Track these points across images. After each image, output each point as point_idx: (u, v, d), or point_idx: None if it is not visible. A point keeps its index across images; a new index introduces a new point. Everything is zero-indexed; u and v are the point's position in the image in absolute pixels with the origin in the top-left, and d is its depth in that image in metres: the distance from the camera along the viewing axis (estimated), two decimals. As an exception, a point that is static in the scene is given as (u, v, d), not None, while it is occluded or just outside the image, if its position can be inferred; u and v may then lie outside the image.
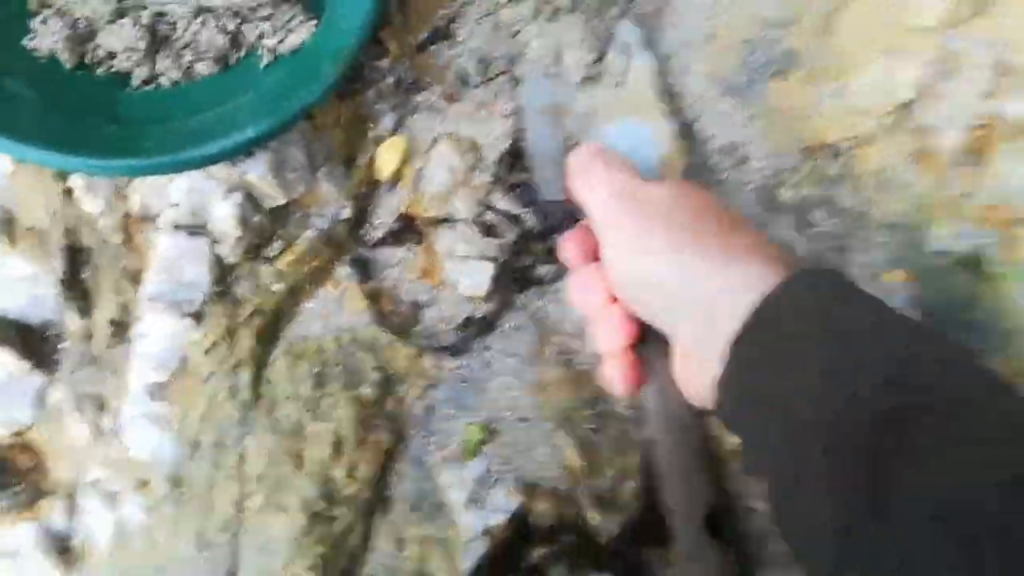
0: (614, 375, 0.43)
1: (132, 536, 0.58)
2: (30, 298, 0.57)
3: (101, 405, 0.58)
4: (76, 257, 0.55)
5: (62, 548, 0.59)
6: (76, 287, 0.56)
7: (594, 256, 0.45)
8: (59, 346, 0.58)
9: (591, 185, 0.43)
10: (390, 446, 0.57)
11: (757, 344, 0.32)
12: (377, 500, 0.57)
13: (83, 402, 0.58)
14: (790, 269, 0.34)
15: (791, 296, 0.32)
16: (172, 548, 0.57)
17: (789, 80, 0.54)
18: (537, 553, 0.56)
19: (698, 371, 0.36)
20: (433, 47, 0.57)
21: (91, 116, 0.48)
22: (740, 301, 0.33)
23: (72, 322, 0.57)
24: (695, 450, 0.39)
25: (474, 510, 0.56)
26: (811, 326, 0.31)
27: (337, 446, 0.56)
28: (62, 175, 0.53)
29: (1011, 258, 0.52)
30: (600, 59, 0.55)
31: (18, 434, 0.58)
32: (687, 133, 0.55)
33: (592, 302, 0.43)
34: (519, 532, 0.56)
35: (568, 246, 0.46)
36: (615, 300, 0.43)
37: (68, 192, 0.54)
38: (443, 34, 0.57)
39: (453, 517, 0.56)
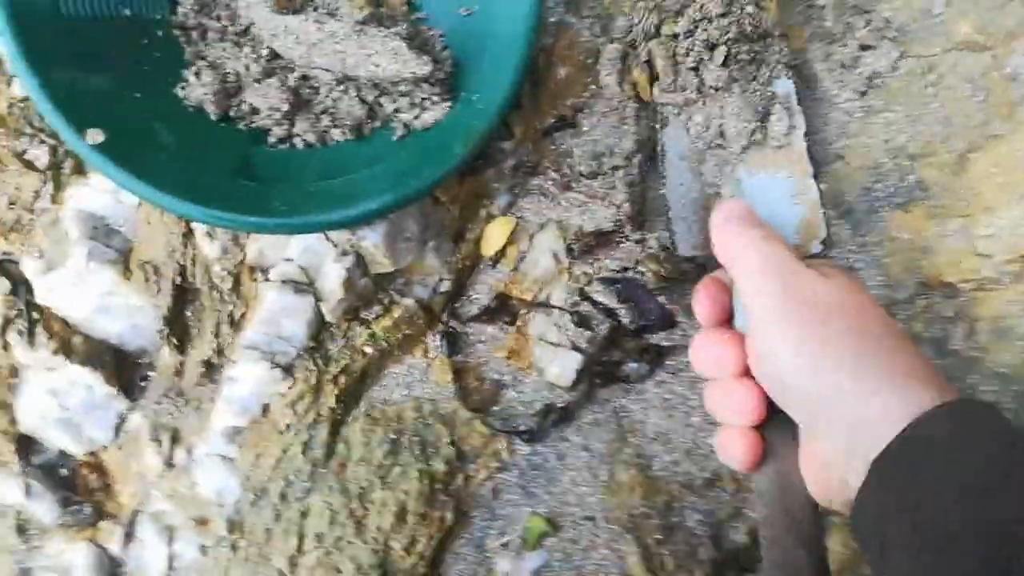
0: (733, 450, 0.41)
1: (183, 573, 0.59)
2: (131, 326, 0.59)
3: (177, 439, 0.60)
4: (183, 296, 0.58)
5: (112, 573, 0.60)
6: (178, 324, 0.58)
7: (726, 316, 0.44)
8: (148, 374, 0.61)
9: (739, 249, 0.40)
10: (452, 524, 0.57)
11: (899, 468, 0.31)
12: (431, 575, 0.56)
13: (160, 433, 0.60)
14: (946, 395, 0.32)
15: (942, 423, 0.31)
16: (222, 591, 0.58)
17: (913, 212, 0.53)
18: (586, 659, 0.55)
19: (827, 473, 0.35)
20: (557, 134, 0.58)
21: (227, 169, 0.50)
22: (889, 422, 0.31)
23: (167, 356, 0.59)
24: (805, 539, 0.37)
25: (528, 604, 0.55)
26: (956, 461, 0.29)
27: (400, 517, 0.56)
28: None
29: None
30: (763, 121, 0.54)
31: (93, 454, 0.60)
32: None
33: (722, 370, 0.41)
34: (570, 634, 0.55)
35: (701, 298, 0.44)
36: (748, 373, 0.41)
37: (188, 233, 0.57)
38: (568, 123, 0.58)
39: (506, 607, 0.55)
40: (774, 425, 0.39)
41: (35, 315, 0.59)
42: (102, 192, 0.59)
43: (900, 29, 0.55)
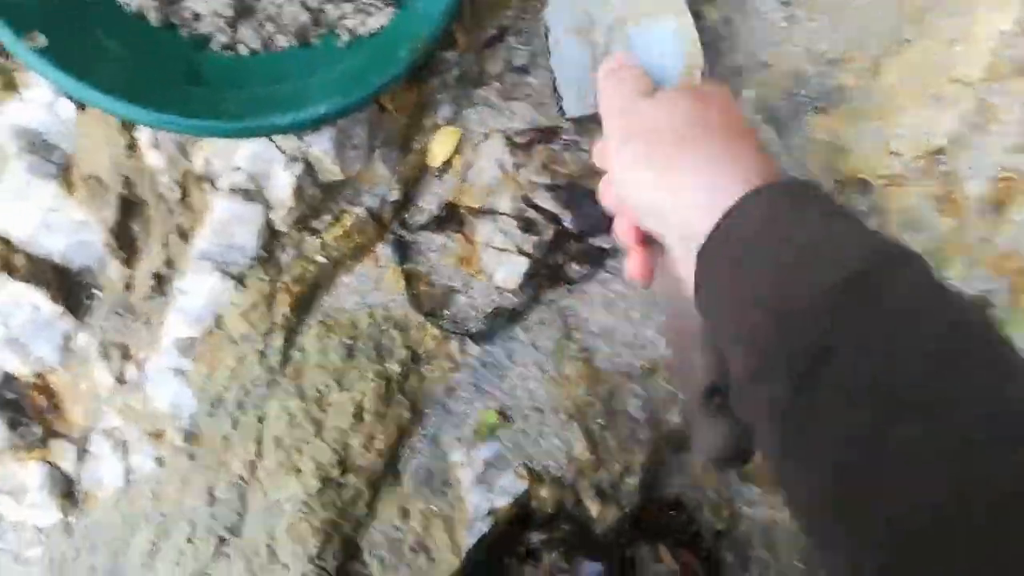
0: (629, 267, 0.46)
1: (140, 485, 0.60)
2: (75, 243, 0.59)
3: (127, 355, 0.61)
4: (130, 208, 0.58)
5: (67, 490, 0.61)
6: (125, 237, 0.59)
7: None
8: (94, 292, 0.61)
9: (606, 99, 0.44)
10: (408, 422, 0.60)
11: (719, 252, 0.34)
12: (388, 473, 0.60)
13: (110, 350, 0.60)
14: (766, 179, 0.35)
15: (755, 206, 0.34)
16: (179, 500, 0.60)
17: (831, 115, 0.58)
18: (536, 538, 0.59)
19: (687, 272, 0.39)
20: (499, 44, 0.60)
21: (174, 74, 0.51)
22: (714, 210, 0.34)
23: (115, 270, 0.60)
24: (695, 333, 0.41)
25: (481, 490, 0.59)
26: (766, 237, 0.33)
27: (358, 416, 0.59)
28: (128, 127, 0.56)
29: (1017, 305, 0.56)
30: None
31: (40, 375, 0.61)
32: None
33: (608, 204, 0.46)
34: (521, 516, 0.60)
35: (594, 151, 0.48)
36: None
37: (132, 144, 0.57)
38: (509, 32, 0.60)
39: (460, 495, 0.59)
40: (655, 244, 0.44)
41: (-28, 233, 0.58)
42: (37, 106, 0.59)
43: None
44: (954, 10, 0.55)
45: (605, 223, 0.59)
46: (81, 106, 0.58)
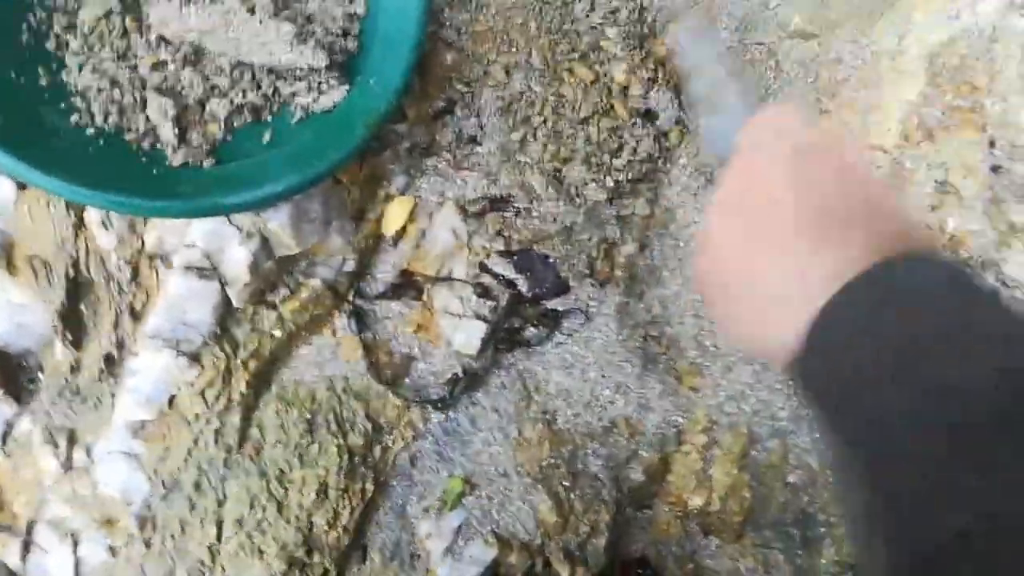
0: None
1: (93, 576, 0.58)
2: (14, 326, 0.57)
3: (73, 439, 0.59)
4: (77, 289, 0.57)
5: (13, 588, 0.58)
6: (72, 318, 0.57)
7: None
8: (36, 376, 0.59)
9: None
10: (373, 495, 0.60)
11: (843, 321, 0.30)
12: (354, 550, 0.59)
13: (55, 435, 0.58)
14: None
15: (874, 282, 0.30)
16: (136, 591, 0.58)
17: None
18: (508, 604, 0.60)
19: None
20: (448, 116, 0.62)
21: (126, 157, 0.51)
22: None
23: (61, 353, 0.58)
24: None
25: (450, 561, 0.59)
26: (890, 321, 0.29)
27: (321, 492, 0.58)
28: (76, 207, 0.55)
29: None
30: None
31: (-21, 465, 0.58)
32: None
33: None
34: (492, 583, 0.60)
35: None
36: None
37: (78, 224, 0.56)
38: (458, 104, 0.63)
39: (429, 567, 0.59)
40: None
41: (-97, 321, 0.56)
42: (-29, 187, 0.57)
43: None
44: (866, 83, 0.60)
45: (559, 287, 0.62)
46: (21, 185, 0.57)
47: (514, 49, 0.64)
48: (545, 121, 0.63)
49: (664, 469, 0.61)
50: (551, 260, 0.62)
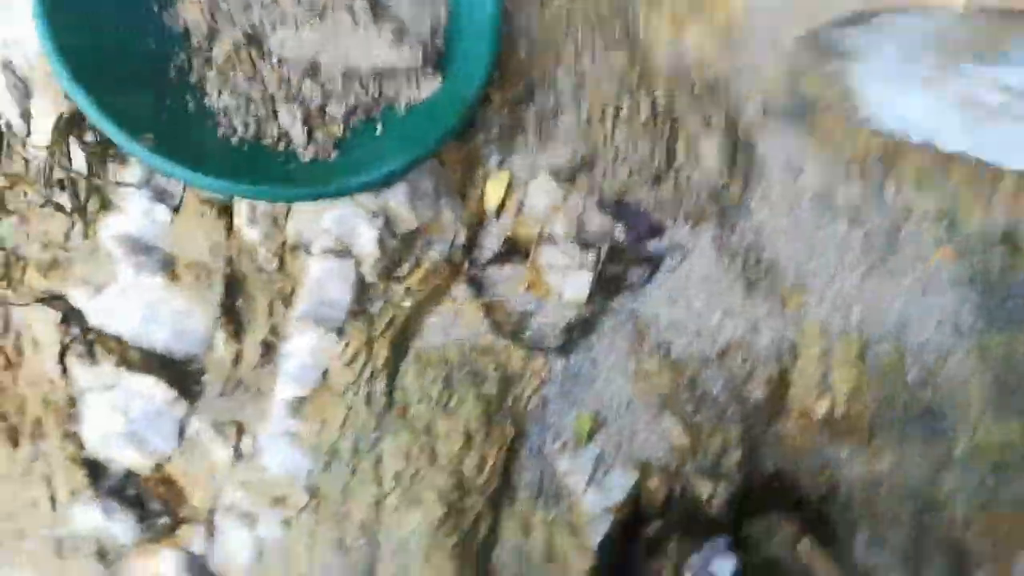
0: None
1: (271, 552, 0.64)
2: (175, 332, 0.65)
3: (242, 430, 0.66)
4: (232, 287, 0.65)
5: (203, 571, 0.65)
6: (231, 313, 0.65)
7: None
8: (202, 378, 0.67)
9: None
10: (512, 439, 0.64)
11: None
12: (504, 490, 0.64)
13: (224, 428, 0.65)
14: None
15: None
16: (311, 557, 0.63)
17: (827, 115, 0.67)
18: (653, 527, 0.63)
19: None
20: (529, 99, 0.70)
21: (267, 156, 0.60)
22: None
23: (221, 348, 0.65)
24: None
25: (594, 491, 0.62)
26: None
27: (467, 440, 0.63)
28: (226, 211, 0.64)
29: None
30: None
31: (159, 467, 0.65)
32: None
33: None
34: (636, 509, 0.63)
35: None
36: None
37: (228, 227, 0.65)
38: (536, 86, 0.70)
39: (575, 500, 0.63)
40: None
41: (90, 337, 0.65)
42: (135, 215, 0.67)
43: None
44: None
45: (654, 230, 0.67)
46: (176, 208, 0.66)
47: (578, 32, 0.71)
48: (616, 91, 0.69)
49: (784, 384, 0.64)
50: (642, 207, 0.67)
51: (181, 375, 0.66)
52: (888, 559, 0.62)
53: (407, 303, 0.66)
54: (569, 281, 0.66)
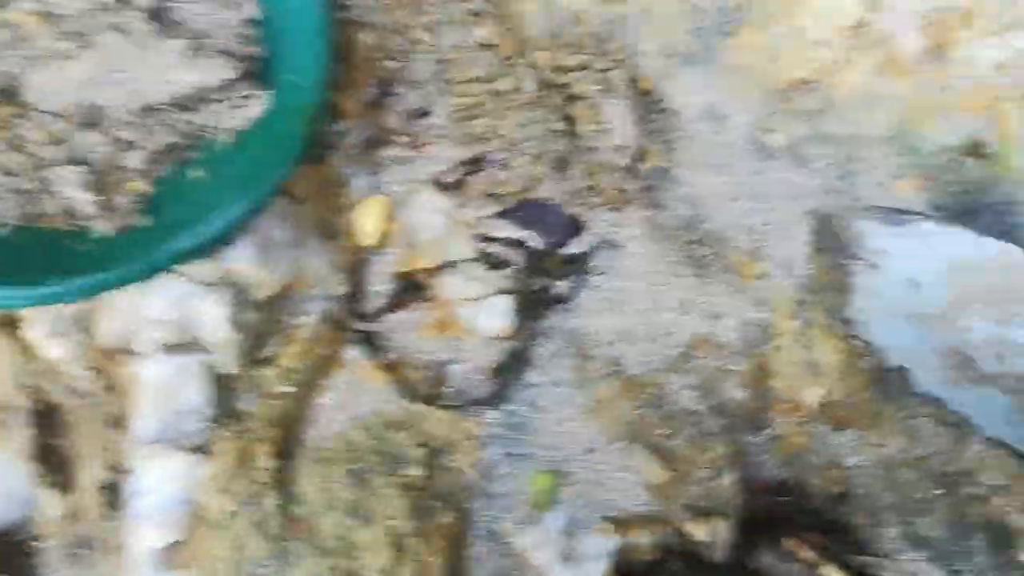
0: None
1: None
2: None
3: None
4: (46, 421, 0.49)
5: None
6: (50, 459, 0.49)
7: None
8: (34, 548, 0.51)
9: None
10: (455, 528, 0.51)
11: None
12: (459, 595, 0.50)
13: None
14: None
15: None
16: None
17: (742, 36, 0.56)
18: (648, 594, 0.50)
19: None
20: (386, 99, 0.56)
21: (57, 245, 0.44)
22: None
23: (51, 505, 0.50)
24: None
25: (570, 567, 0.50)
26: None
27: (398, 546, 0.50)
28: (12, 325, 0.48)
29: (1006, 134, 0.54)
30: None
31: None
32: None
33: None
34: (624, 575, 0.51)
35: None
36: None
37: (23, 348, 0.48)
38: (393, 81, 0.56)
39: (549, 583, 0.50)
40: None
41: None
42: None
43: None
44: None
45: (572, 227, 0.55)
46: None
47: (431, 6, 0.58)
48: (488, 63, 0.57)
49: (764, 375, 0.53)
50: (551, 203, 0.55)
51: (6, 552, 0.50)
52: (925, 551, 0.52)
53: (286, 388, 0.51)
54: (485, 311, 0.54)
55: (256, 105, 0.50)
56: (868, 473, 0.54)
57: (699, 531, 0.51)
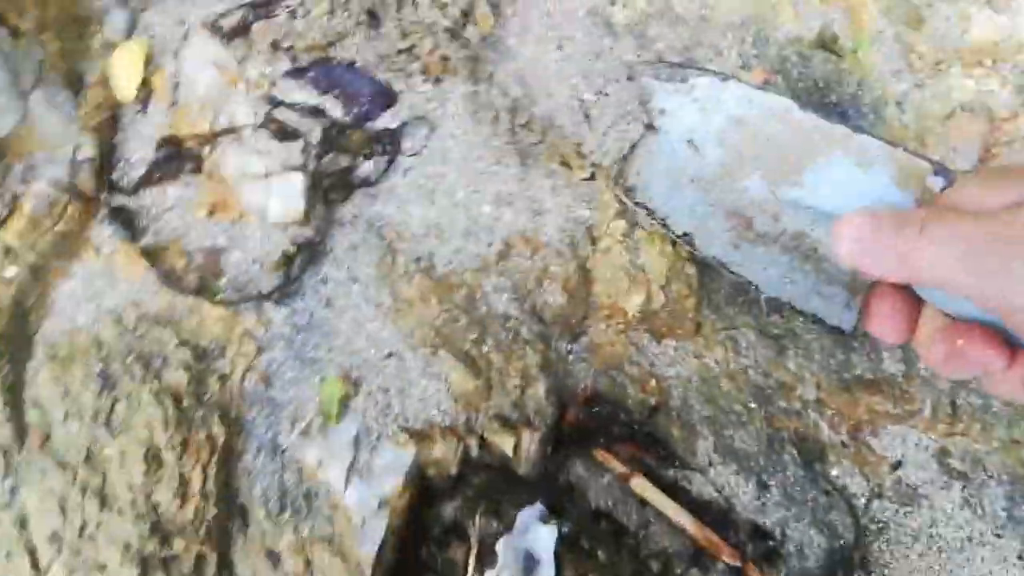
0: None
1: None
2: None
3: None
4: None
5: None
6: None
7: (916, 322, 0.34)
8: None
9: (919, 252, 0.31)
10: (227, 439, 0.44)
11: None
12: (229, 513, 0.44)
13: None
14: None
15: None
16: None
17: None
18: (450, 507, 0.46)
19: None
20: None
21: None
22: None
23: None
24: None
25: (358, 482, 0.45)
26: None
27: (153, 460, 0.43)
28: None
29: (859, 29, 0.50)
30: None
31: None
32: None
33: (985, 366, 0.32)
34: (421, 490, 0.46)
35: (883, 321, 0.34)
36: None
37: None
38: None
39: (334, 502, 0.45)
40: None
41: None
42: None
43: None
44: None
45: (382, 98, 0.47)
46: None
47: None
48: None
49: (586, 278, 0.49)
50: (358, 65, 0.46)
51: None
52: (736, 466, 0.51)
53: (12, 270, 0.42)
54: (273, 191, 0.46)
55: None
56: (686, 385, 0.51)
57: (506, 443, 0.47)
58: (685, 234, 0.39)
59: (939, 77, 0.49)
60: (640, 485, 0.48)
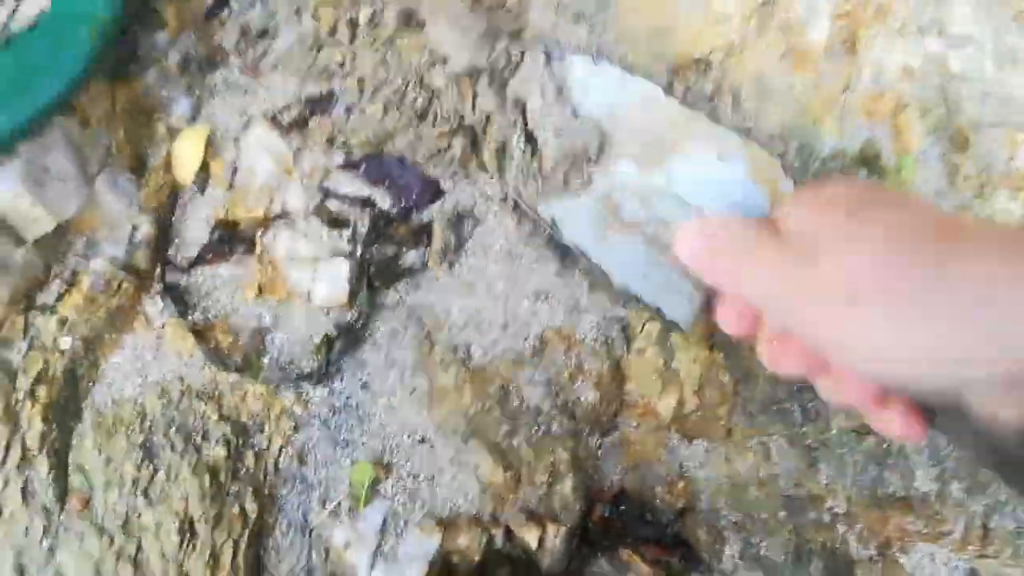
0: (889, 425, 0.33)
1: None
2: None
3: None
4: None
5: None
6: None
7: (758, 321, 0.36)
8: None
9: (738, 274, 0.32)
10: (259, 514, 0.46)
11: None
12: (256, 589, 0.45)
13: None
14: None
15: None
16: None
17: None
18: (470, 602, 0.47)
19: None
20: (223, 11, 0.48)
21: None
22: None
23: None
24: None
25: (383, 567, 0.46)
26: None
27: (187, 531, 0.44)
28: None
29: (904, 147, 0.50)
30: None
31: None
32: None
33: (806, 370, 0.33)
34: (446, 579, 0.47)
35: (726, 316, 0.35)
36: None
37: None
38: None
39: (359, 583, 0.46)
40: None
41: None
42: None
43: None
44: None
45: (427, 191, 0.48)
46: None
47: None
48: (354, -15, 0.49)
49: (619, 377, 0.50)
50: (407, 160, 0.48)
51: None
52: (762, 574, 0.51)
53: (67, 342, 0.44)
54: (320, 275, 0.47)
55: (31, 4, 0.41)
56: (715, 488, 0.51)
57: (531, 536, 0.48)
58: (552, 221, 0.40)
59: (984, 198, 0.49)
60: (663, 588, 0.48)
